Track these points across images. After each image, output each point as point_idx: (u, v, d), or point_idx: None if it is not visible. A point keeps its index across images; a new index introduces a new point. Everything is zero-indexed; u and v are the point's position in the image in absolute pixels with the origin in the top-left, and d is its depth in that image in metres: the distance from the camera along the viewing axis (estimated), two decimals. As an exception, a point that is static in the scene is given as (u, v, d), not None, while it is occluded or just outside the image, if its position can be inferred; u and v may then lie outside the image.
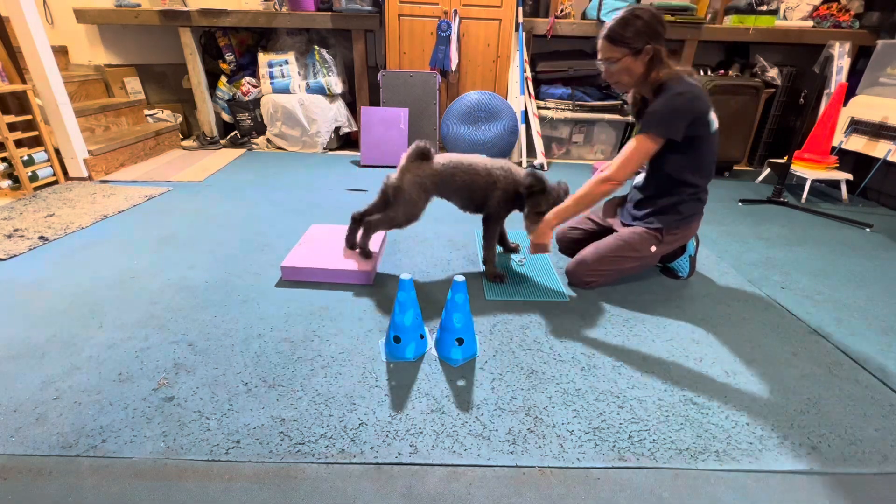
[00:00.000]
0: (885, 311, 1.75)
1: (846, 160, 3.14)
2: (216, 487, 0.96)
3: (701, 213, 1.78)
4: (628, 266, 1.82)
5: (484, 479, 1.00)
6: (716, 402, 1.25)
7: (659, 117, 1.54)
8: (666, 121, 1.54)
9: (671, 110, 1.53)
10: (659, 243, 1.76)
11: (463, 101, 3.52)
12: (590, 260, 1.78)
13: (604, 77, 1.64)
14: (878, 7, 3.49)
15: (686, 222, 1.75)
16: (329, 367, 1.33)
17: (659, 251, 1.78)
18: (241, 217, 2.42)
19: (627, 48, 1.53)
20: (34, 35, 2.57)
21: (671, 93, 1.53)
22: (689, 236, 1.82)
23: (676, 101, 1.52)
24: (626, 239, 1.76)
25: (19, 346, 1.37)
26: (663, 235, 1.75)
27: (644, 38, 1.51)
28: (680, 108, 1.53)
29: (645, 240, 1.75)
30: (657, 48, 1.53)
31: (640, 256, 1.78)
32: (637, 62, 1.55)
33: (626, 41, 1.52)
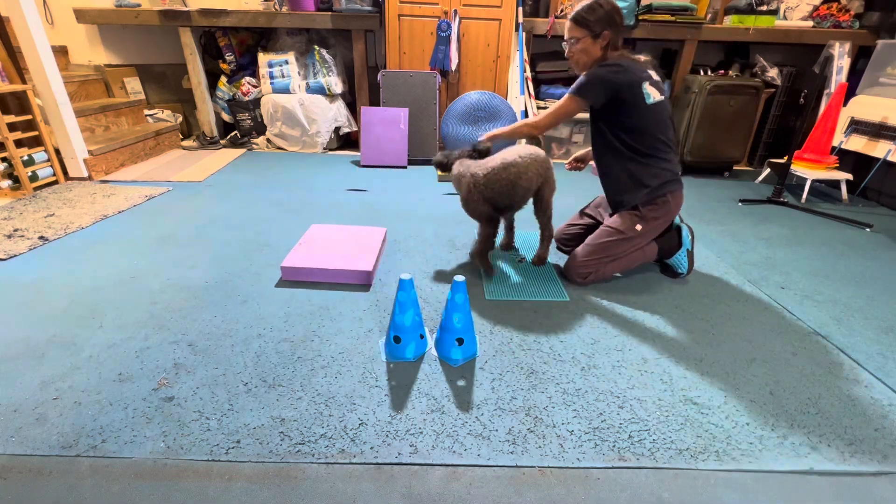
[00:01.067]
0: (885, 311, 1.75)
1: (846, 160, 3.14)
2: (216, 487, 0.96)
3: (674, 185, 1.80)
4: (618, 251, 1.82)
5: (484, 479, 1.00)
6: (716, 402, 1.25)
7: (582, 82, 1.73)
8: (586, 85, 1.72)
9: (593, 76, 1.71)
10: (641, 220, 1.79)
11: (463, 101, 3.52)
12: (580, 251, 1.83)
13: (566, 55, 1.82)
14: (878, 7, 3.49)
15: (658, 194, 1.78)
16: (329, 367, 1.33)
17: (647, 229, 1.80)
18: (241, 217, 2.42)
19: (588, 31, 1.71)
20: (34, 35, 2.57)
21: (600, 65, 1.73)
22: (673, 210, 1.83)
23: (600, 71, 1.71)
24: (610, 223, 1.84)
25: (19, 346, 1.37)
26: (642, 211, 1.78)
27: (603, 24, 1.70)
28: (602, 76, 1.70)
29: (626, 219, 1.80)
30: (613, 36, 1.72)
31: (628, 237, 1.80)
32: (595, 45, 1.73)
33: (588, 24, 1.71)
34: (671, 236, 1.92)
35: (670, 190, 1.79)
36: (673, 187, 1.80)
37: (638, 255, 1.89)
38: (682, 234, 1.89)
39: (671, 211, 1.83)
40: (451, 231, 2.33)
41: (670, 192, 1.79)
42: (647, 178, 1.77)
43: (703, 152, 3.49)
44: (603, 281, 1.87)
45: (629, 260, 1.87)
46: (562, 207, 2.65)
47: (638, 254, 1.88)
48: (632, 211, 1.80)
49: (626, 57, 1.75)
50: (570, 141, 3.93)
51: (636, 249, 1.86)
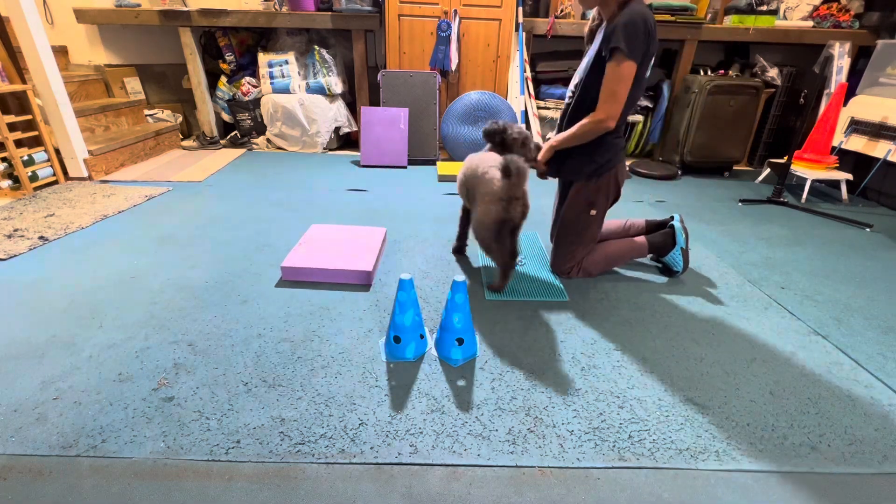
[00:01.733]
0: (885, 311, 1.75)
1: (846, 160, 3.14)
2: (216, 487, 0.96)
3: (619, 156, 1.71)
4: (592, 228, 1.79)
5: (484, 479, 1.00)
6: (716, 402, 1.25)
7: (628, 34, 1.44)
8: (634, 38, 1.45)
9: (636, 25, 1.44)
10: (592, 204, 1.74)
11: (463, 101, 3.52)
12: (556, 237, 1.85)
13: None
14: (878, 7, 3.49)
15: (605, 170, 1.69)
16: (329, 367, 1.33)
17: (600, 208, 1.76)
18: (241, 217, 2.42)
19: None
20: (34, 35, 2.57)
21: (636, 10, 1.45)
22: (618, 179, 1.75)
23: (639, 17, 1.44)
24: (566, 217, 1.80)
25: (19, 346, 1.37)
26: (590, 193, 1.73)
27: None
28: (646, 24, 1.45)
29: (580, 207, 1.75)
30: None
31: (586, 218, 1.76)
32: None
33: None
34: (665, 235, 1.91)
35: (618, 163, 1.71)
36: (619, 160, 1.71)
37: (624, 250, 1.89)
38: (675, 233, 1.89)
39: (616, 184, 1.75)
40: (451, 231, 2.33)
41: (618, 165, 1.71)
42: (601, 153, 1.66)
43: (703, 152, 3.49)
44: (588, 276, 1.88)
45: (614, 255, 1.88)
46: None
47: (624, 248, 1.88)
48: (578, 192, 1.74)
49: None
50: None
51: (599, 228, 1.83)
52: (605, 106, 1.55)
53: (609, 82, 1.52)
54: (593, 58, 1.59)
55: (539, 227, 2.39)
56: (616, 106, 1.54)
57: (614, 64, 1.49)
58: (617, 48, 1.46)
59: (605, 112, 1.55)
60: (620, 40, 1.45)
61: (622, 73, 1.49)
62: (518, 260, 2.02)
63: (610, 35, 1.48)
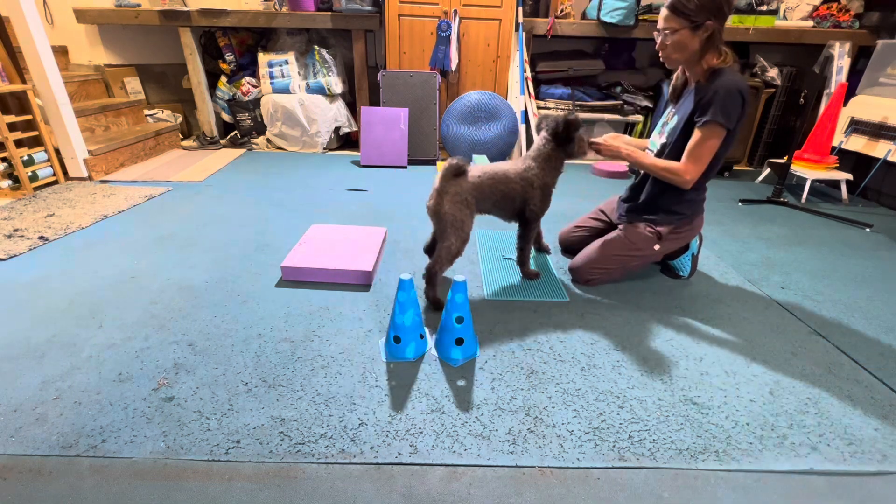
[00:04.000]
0: (885, 311, 1.75)
1: (846, 160, 3.14)
2: (216, 487, 0.96)
3: (703, 211, 1.78)
4: (631, 264, 1.83)
5: (484, 479, 1.00)
6: (716, 402, 1.25)
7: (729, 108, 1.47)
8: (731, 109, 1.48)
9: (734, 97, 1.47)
10: (660, 241, 1.76)
11: (463, 101, 3.52)
12: (593, 257, 1.80)
13: (657, 48, 1.59)
14: (878, 7, 3.49)
15: (688, 221, 1.75)
16: (329, 367, 1.33)
17: (662, 249, 1.79)
18: (241, 217, 2.42)
19: (687, 20, 1.46)
20: (34, 35, 2.57)
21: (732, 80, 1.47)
22: (693, 235, 1.81)
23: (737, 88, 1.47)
24: (630, 237, 1.77)
25: (19, 346, 1.37)
26: (664, 234, 1.75)
27: (706, 14, 1.44)
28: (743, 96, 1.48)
29: (648, 239, 1.76)
30: (717, 28, 1.46)
31: (643, 255, 1.79)
32: (694, 38, 1.48)
33: (687, 13, 1.45)
34: None
35: (699, 216, 1.77)
36: (700, 211, 1.76)
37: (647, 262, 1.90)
38: None
39: (693, 234, 1.80)
40: (451, 231, 2.33)
41: (699, 217, 1.77)
42: (687, 209, 1.72)
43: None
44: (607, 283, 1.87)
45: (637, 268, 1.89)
46: (559, 209, 2.65)
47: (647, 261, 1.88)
48: (652, 228, 1.75)
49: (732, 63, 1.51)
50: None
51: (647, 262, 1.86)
52: (691, 166, 1.58)
53: (698, 146, 1.55)
54: (684, 122, 1.60)
55: (544, 225, 2.38)
56: (699, 168, 1.58)
57: (707, 131, 1.52)
58: (713, 121, 1.49)
59: (690, 173, 1.58)
60: (718, 113, 1.48)
61: (712, 140, 1.53)
62: None
63: (707, 105, 1.50)
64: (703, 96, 1.51)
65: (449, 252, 1.62)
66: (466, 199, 1.60)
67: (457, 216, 1.59)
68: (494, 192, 1.67)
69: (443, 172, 1.58)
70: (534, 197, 1.71)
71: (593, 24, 3.54)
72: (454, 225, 1.59)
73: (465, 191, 1.60)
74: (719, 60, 1.51)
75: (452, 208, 1.58)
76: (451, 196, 1.58)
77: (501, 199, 1.70)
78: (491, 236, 2.28)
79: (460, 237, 1.61)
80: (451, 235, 1.60)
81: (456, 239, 1.61)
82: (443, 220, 1.59)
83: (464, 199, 1.59)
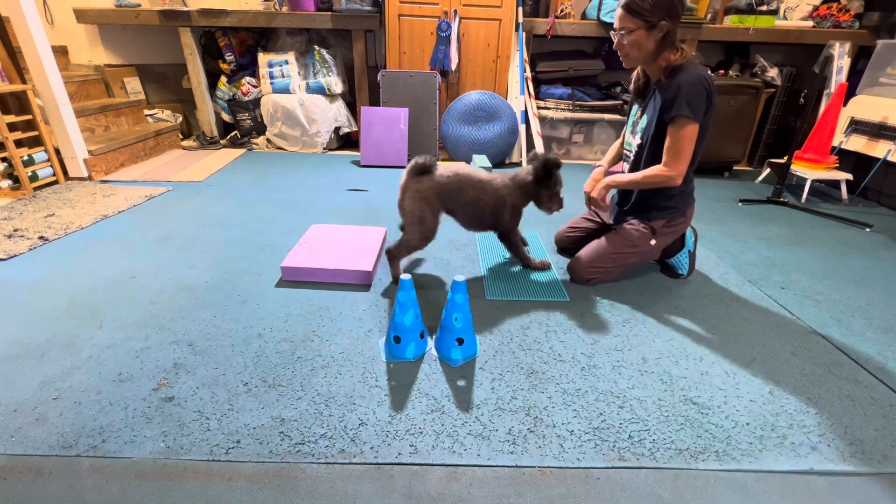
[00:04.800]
0: (885, 311, 1.75)
1: (846, 160, 3.14)
2: (216, 487, 0.96)
3: (693, 201, 1.81)
4: (629, 262, 1.84)
5: (484, 479, 1.00)
6: (716, 402, 1.25)
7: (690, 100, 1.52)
8: (696, 103, 1.52)
9: (696, 90, 1.51)
10: (656, 235, 1.78)
11: (463, 101, 3.52)
12: (591, 257, 1.81)
13: (614, 47, 1.63)
14: (878, 7, 3.49)
15: (681, 213, 1.78)
16: (329, 367, 1.33)
17: (659, 244, 1.80)
18: (241, 217, 2.42)
19: (643, 20, 1.51)
20: (34, 35, 2.57)
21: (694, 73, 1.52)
22: (686, 226, 1.84)
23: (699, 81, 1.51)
24: (625, 235, 1.79)
25: (19, 346, 1.37)
26: (659, 228, 1.77)
27: (661, 13, 1.49)
28: (705, 86, 1.52)
29: (643, 235, 1.78)
30: (671, 27, 1.52)
31: (640, 252, 1.80)
32: (649, 38, 1.54)
33: (642, 12, 1.50)
34: None
35: (690, 204, 1.80)
36: (691, 201, 1.80)
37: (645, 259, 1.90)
38: (685, 235, 1.89)
39: (687, 222, 1.83)
40: (451, 231, 2.33)
41: (690, 206, 1.80)
42: (677, 202, 1.75)
43: (703, 152, 3.48)
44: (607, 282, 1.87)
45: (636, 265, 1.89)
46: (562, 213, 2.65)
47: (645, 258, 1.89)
48: (646, 224, 1.77)
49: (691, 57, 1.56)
50: (570, 141, 3.93)
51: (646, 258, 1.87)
52: (673, 163, 1.61)
53: (675, 142, 1.59)
54: (655, 121, 1.64)
55: (539, 227, 2.39)
56: (683, 164, 1.61)
57: (677, 127, 1.56)
58: (680, 115, 1.53)
59: (675, 169, 1.61)
60: (684, 107, 1.52)
61: (687, 134, 1.57)
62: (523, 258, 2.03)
63: (672, 101, 1.54)
64: (668, 93, 1.55)
65: (408, 244, 1.74)
66: (427, 197, 1.67)
67: (415, 212, 1.67)
68: (462, 194, 1.71)
69: (407, 170, 1.67)
70: (504, 214, 1.78)
71: (593, 24, 3.54)
72: (412, 220, 1.69)
73: (427, 189, 1.67)
74: (677, 56, 1.56)
75: (412, 205, 1.67)
76: (412, 193, 1.66)
77: (469, 204, 1.74)
78: (491, 236, 2.28)
79: (420, 232, 1.70)
80: (411, 230, 1.71)
81: (415, 234, 1.71)
82: (404, 214, 1.70)
83: (424, 196, 1.67)
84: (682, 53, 1.56)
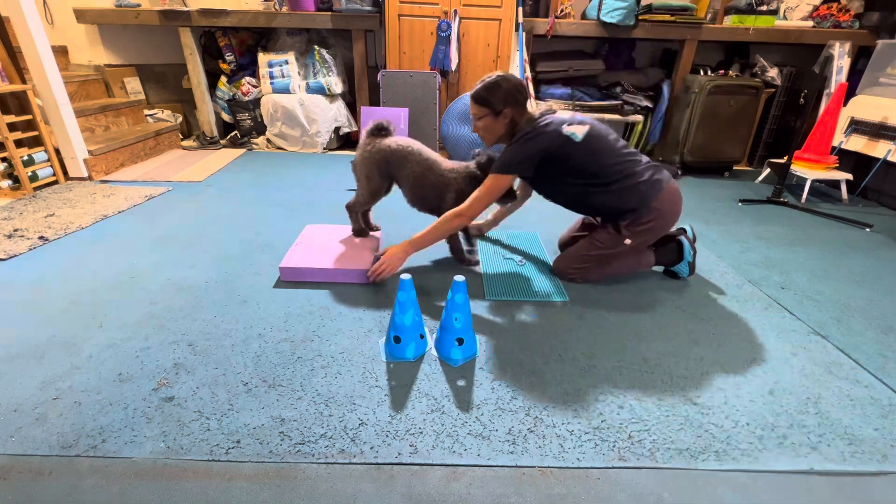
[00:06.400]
0: (885, 311, 1.75)
1: (846, 160, 3.14)
2: (216, 487, 0.96)
3: (656, 188, 1.70)
4: (610, 263, 1.83)
5: (484, 479, 1.00)
6: (716, 402, 1.25)
7: (505, 162, 1.68)
8: (510, 165, 1.68)
9: (514, 153, 1.68)
10: (630, 235, 1.75)
11: (463, 101, 3.52)
12: (570, 256, 1.87)
13: (472, 131, 1.81)
14: (878, 7, 3.49)
15: (642, 211, 1.71)
16: (329, 367, 1.33)
17: (637, 242, 1.76)
18: (241, 217, 2.42)
19: (490, 109, 1.69)
20: (34, 35, 2.57)
21: (516, 138, 1.69)
22: (667, 221, 1.75)
23: (517, 146, 1.68)
24: (596, 237, 1.82)
25: (19, 346, 1.37)
26: (626, 229, 1.75)
27: (504, 103, 1.67)
28: (523, 150, 1.67)
29: (612, 236, 1.78)
30: (515, 114, 1.70)
31: (615, 251, 1.79)
32: (497, 123, 1.72)
33: (488, 103, 1.68)
34: (670, 250, 1.89)
35: (654, 195, 1.70)
36: (655, 192, 1.70)
37: (631, 263, 1.86)
38: (683, 248, 1.87)
39: (663, 212, 1.73)
40: (451, 231, 2.33)
41: (654, 197, 1.70)
42: (627, 201, 1.71)
43: (703, 152, 3.49)
44: (593, 282, 1.87)
45: (620, 266, 1.86)
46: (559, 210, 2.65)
47: (631, 261, 1.86)
48: (613, 225, 1.77)
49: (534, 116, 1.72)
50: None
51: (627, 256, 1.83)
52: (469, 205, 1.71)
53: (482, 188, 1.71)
54: None
55: (539, 227, 2.39)
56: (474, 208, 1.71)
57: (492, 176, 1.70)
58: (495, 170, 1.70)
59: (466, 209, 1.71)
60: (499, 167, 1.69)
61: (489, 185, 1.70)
62: (518, 261, 2.03)
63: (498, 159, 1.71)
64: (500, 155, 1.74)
65: (358, 200, 1.95)
66: (376, 160, 1.84)
67: (362, 170, 1.87)
68: (405, 166, 1.84)
69: (366, 130, 1.88)
70: (447, 199, 1.84)
71: (593, 24, 3.54)
72: (360, 178, 1.89)
73: (377, 152, 1.84)
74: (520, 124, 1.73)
75: (362, 163, 1.87)
76: (363, 152, 1.86)
77: (412, 178, 1.85)
78: (491, 236, 2.28)
79: (367, 189, 1.90)
80: (360, 187, 1.91)
81: (363, 191, 1.91)
82: (355, 171, 1.91)
83: (373, 158, 1.85)
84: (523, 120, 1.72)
